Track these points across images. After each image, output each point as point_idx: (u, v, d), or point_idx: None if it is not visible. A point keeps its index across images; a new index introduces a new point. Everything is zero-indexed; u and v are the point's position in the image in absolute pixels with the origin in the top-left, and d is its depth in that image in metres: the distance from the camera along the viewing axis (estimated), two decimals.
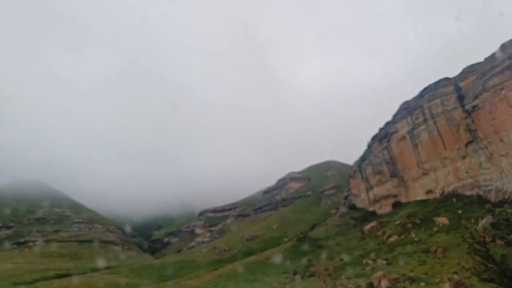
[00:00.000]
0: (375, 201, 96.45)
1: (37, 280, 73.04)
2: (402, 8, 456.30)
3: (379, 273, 53.77)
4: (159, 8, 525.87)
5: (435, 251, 60.75)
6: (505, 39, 72.82)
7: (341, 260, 68.82)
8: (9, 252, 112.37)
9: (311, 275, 63.90)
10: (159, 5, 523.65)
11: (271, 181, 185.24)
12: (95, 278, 74.82)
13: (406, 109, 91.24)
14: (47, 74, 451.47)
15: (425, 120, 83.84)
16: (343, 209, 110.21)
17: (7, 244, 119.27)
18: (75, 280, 71.65)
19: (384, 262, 62.26)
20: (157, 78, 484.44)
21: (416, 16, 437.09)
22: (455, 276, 44.08)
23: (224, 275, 72.50)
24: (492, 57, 73.42)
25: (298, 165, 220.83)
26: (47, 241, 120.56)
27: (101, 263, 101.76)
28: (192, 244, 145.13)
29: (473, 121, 75.08)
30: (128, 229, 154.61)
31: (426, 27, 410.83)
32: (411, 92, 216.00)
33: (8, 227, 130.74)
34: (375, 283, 52.44)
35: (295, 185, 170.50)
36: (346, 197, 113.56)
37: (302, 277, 63.46)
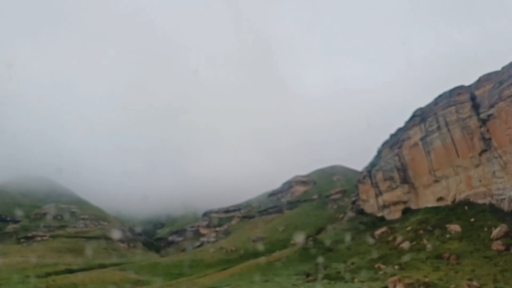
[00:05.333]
0: (384, 206, 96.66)
1: (49, 274, 73.61)
2: (408, 13, 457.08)
3: (394, 278, 54.10)
4: (166, 9, 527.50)
5: (449, 258, 61.05)
6: None
7: (353, 264, 69.19)
8: (17, 246, 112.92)
9: (323, 278, 64.29)
10: (167, 7, 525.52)
11: (274, 184, 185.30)
12: (107, 273, 75.31)
13: (419, 116, 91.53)
14: (53, 70, 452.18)
15: (438, 128, 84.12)
16: (350, 214, 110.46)
17: (15, 238, 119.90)
18: (88, 275, 72.21)
19: (396, 267, 62.55)
20: (162, 78, 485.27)
21: (422, 21, 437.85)
22: (474, 283, 44.43)
23: (235, 275, 72.81)
24: (509, 66, 73.75)
25: (302, 168, 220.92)
26: (54, 237, 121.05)
27: (109, 259, 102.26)
28: (197, 243, 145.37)
29: (488, 130, 75.41)
30: (134, 227, 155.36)
31: (432, 33, 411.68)
32: (416, 97, 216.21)
33: (15, 222, 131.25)
34: (390, 287, 52.79)
35: (301, 189, 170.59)
36: (354, 202, 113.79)
37: (315, 279, 63.72)
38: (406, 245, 71.01)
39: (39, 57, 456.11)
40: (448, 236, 69.18)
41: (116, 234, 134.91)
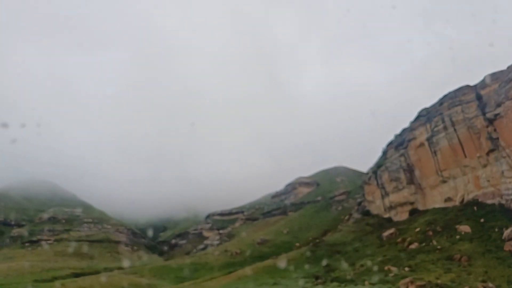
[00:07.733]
0: (391, 208, 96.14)
1: (56, 278, 73.15)
2: (408, 13, 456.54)
3: (406, 280, 53.75)
4: (168, 14, 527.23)
5: (460, 259, 60.54)
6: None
7: (362, 266, 68.59)
8: (22, 250, 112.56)
9: (332, 280, 63.73)
10: (169, 12, 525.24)
11: (277, 185, 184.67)
12: (115, 278, 74.75)
13: (425, 116, 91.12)
14: (57, 76, 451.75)
15: (445, 128, 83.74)
16: (356, 215, 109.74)
17: (19, 243, 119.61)
18: (96, 279, 71.76)
19: (407, 269, 61.99)
20: (164, 83, 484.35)
21: (422, 21, 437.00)
22: (490, 284, 43.95)
23: (242, 278, 72.21)
24: None
25: (305, 170, 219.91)
26: (58, 240, 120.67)
27: (113, 263, 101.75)
28: (201, 246, 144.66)
29: (495, 130, 75.10)
30: (136, 230, 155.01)
31: (431, 33, 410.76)
32: (417, 98, 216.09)
33: (19, 226, 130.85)
34: None
35: (304, 190, 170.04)
36: (359, 203, 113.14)
37: (324, 282, 63.19)
38: (415, 246, 70.55)
39: (43, 62, 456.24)
40: (458, 237, 68.65)
41: (119, 238, 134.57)
